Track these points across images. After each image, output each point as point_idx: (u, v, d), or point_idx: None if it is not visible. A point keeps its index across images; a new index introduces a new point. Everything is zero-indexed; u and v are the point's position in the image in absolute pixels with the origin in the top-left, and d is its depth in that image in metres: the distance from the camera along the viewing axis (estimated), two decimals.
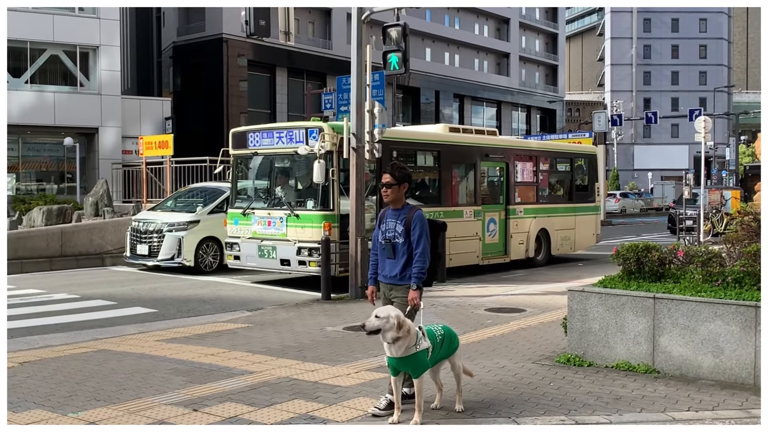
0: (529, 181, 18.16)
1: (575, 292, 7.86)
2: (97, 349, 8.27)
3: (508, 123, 64.29)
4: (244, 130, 15.04)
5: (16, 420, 5.77)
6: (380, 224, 6.49)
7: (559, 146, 22.38)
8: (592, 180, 20.42)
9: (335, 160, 13.17)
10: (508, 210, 17.22)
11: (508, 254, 17.04)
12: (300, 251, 13.30)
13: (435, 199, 15.60)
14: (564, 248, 19.01)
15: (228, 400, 6.36)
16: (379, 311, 5.71)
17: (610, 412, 6.08)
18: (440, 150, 15.71)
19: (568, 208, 19.25)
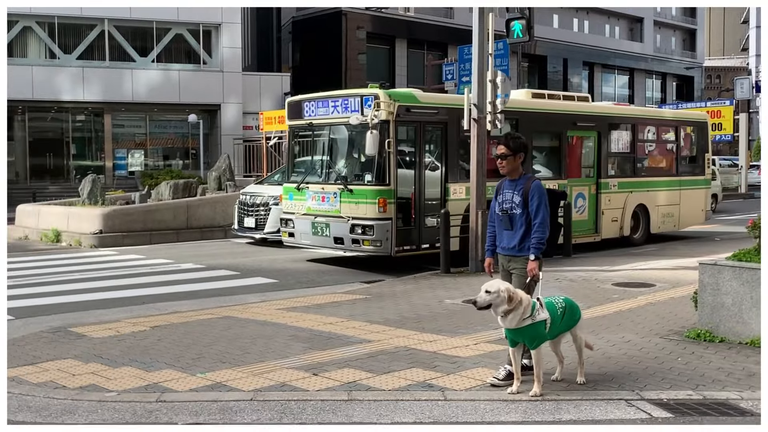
0: (625, 152, 16.57)
1: (707, 266, 7.46)
2: (222, 316, 8.60)
3: (641, 91, 61.64)
4: (300, 99, 14.06)
5: (149, 378, 6.10)
6: (497, 195, 6.38)
7: (662, 113, 20.26)
8: (702, 150, 18.38)
9: (392, 130, 12.17)
10: (600, 184, 15.63)
11: (599, 232, 15.57)
12: (353, 229, 12.34)
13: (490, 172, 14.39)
14: (666, 226, 17.21)
15: (347, 366, 6.46)
16: (489, 285, 5.62)
17: (741, 389, 5.75)
18: (518, 118, 14.07)
19: (671, 182, 17.39)
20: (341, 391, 5.78)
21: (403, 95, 12.65)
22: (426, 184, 12.70)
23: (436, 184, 12.88)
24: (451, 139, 13.04)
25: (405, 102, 12.42)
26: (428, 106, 12.92)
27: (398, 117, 12.22)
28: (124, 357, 6.80)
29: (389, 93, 12.30)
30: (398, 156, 12.38)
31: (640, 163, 16.99)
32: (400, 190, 12.36)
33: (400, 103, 12.25)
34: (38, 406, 5.48)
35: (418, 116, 12.67)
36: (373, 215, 12.12)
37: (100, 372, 6.32)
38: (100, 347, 7.16)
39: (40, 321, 8.56)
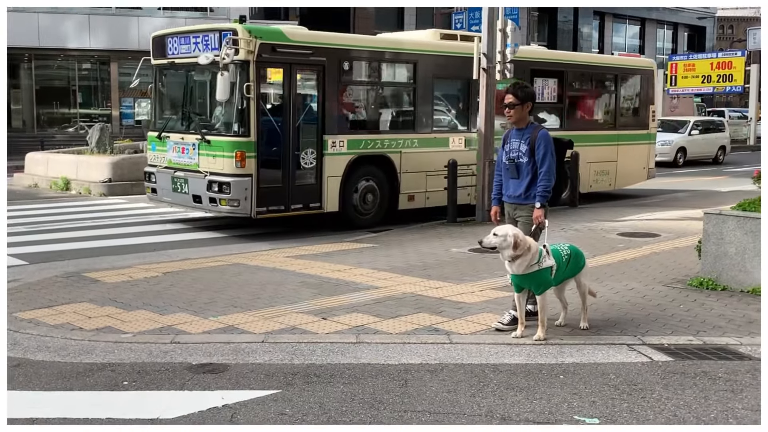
0: (550, 103, 14.69)
1: (711, 215, 7.54)
2: (232, 263, 8.74)
3: (651, 42, 60.77)
4: (163, 34, 12.28)
5: (163, 321, 6.27)
6: (504, 144, 6.45)
7: (598, 59, 18.32)
8: (645, 102, 16.60)
9: (252, 72, 10.54)
10: None
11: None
12: (210, 186, 10.79)
13: (410, 124, 12.67)
14: (600, 185, 15.57)
15: (355, 311, 6.61)
16: (498, 229, 5.73)
17: (741, 335, 5.89)
18: (416, 62, 12.55)
19: (607, 137, 15.71)
20: (349, 334, 5.94)
21: (268, 32, 11.01)
22: (298, 137, 11.17)
23: (311, 137, 11.34)
24: (331, 85, 11.41)
25: (269, 40, 10.78)
26: (301, 45, 11.17)
27: (261, 57, 10.62)
28: (138, 301, 6.96)
29: (249, 28, 10.68)
30: (263, 103, 10.98)
31: (569, 115, 15.20)
32: (264, 142, 10.84)
33: (263, 41, 10.64)
34: (57, 347, 5.65)
35: (288, 57, 10.98)
36: (231, 170, 10.62)
37: (115, 315, 6.49)
38: (113, 292, 7.33)
39: (53, 266, 8.72)
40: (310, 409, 4.44)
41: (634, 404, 4.53)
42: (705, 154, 26.86)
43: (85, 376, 5.05)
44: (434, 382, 4.89)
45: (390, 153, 12.11)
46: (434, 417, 4.33)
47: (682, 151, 25.79)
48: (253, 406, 4.48)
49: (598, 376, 5.03)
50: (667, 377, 5.00)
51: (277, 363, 5.27)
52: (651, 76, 16.77)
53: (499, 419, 4.30)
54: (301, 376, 4.99)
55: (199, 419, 4.29)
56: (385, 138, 12.23)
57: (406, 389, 4.76)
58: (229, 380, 4.94)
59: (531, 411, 4.42)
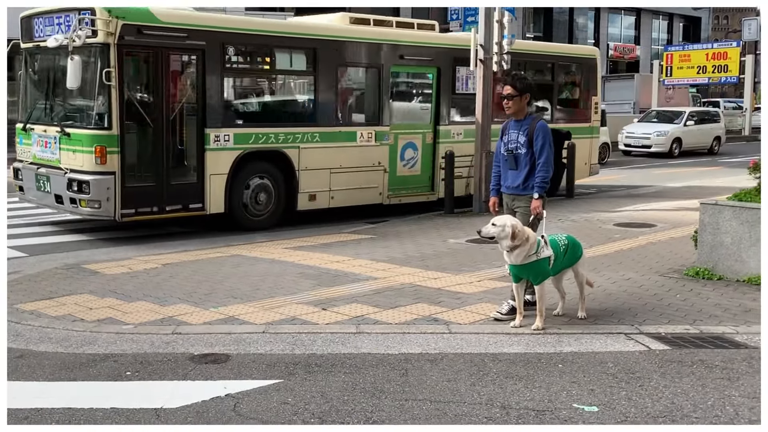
0: (472, 94, 13.16)
1: (708, 206, 7.60)
2: (231, 254, 8.79)
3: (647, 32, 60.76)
4: (30, 14, 10.74)
5: (164, 312, 6.30)
6: (503, 135, 6.50)
7: (533, 46, 16.37)
8: (587, 93, 15.39)
9: (113, 56, 9.29)
10: (438, 131, 12.77)
11: (435, 190, 12.85)
12: (70, 184, 9.57)
13: (310, 116, 11.50)
14: None
15: (354, 301, 6.66)
16: (497, 219, 5.78)
17: (737, 324, 5.96)
18: (317, 48, 11.34)
19: None
20: (349, 324, 5.98)
21: (133, 11, 9.62)
22: (174, 130, 10.01)
23: (190, 130, 10.17)
24: (212, 72, 10.24)
25: (134, 20, 9.51)
26: (174, 27, 9.88)
27: (123, 40, 9.39)
28: (138, 292, 7.00)
29: (109, 8, 9.39)
30: (131, 92, 9.73)
31: (499, 106, 14.15)
32: (131, 136, 9.70)
33: (127, 22, 9.39)
34: (59, 338, 5.69)
35: (159, 40, 9.74)
36: (90, 168, 9.41)
37: (116, 306, 6.53)
38: (114, 283, 7.36)
39: (53, 258, 8.75)
40: (312, 398, 4.49)
41: (632, 392, 4.59)
42: (700, 145, 26.94)
43: (88, 366, 5.09)
44: (434, 372, 4.94)
45: (286, 148, 10.96)
46: (435, 405, 4.38)
47: (678, 141, 25.86)
48: (256, 396, 4.53)
49: (596, 364, 5.09)
50: (664, 366, 5.05)
51: (278, 353, 5.31)
52: (594, 65, 15.43)
53: (499, 407, 4.35)
54: (302, 366, 5.04)
55: (203, 408, 4.34)
56: (281, 132, 10.97)
57: (406, 378, 4.82)
58: (231, 370, 4.99)
59: (530, 399, 4.47)
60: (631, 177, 19.20)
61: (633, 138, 25.95)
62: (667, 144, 25.47)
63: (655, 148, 25.35)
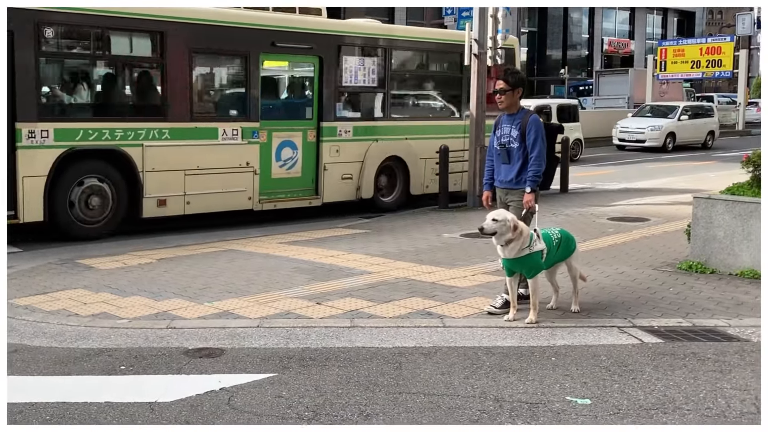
0: (370, 87, 12.25)
1: (701, 199, 7.64)
2: (226, 249, 8.79)
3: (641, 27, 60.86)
4: None
5: (158, 307, 6.31)
6: (495, 130, 6.52)
7: (433, 34, 14.36)
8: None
9: None
10: (322, 129, 11.49)
11: (320, 194, 11.61)
12: None
13: (157, 110, 10.09)
14: (436, 185, 12.78)
15: (349, 296, 6.68)
16: (496, 214, 5.79)
17: (730, 317, 5.99)
18: (164, 31, 9.90)
19: (450, 128, 13.21)
20: (344, 318, 6.00)
21: None
22: None
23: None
24: (24, 57, 8.83)
25: None
26: None
27: None
28: (133, 287, 7.00)
29: None
30: None
31: (396, 101, 12.87)
32: None
33: None
34: (53, 332, 5.69)
35: None
36: None
37: (110, 301, 6.53)
38: (108, 278, 7.36)
39: (48, 253, 8.74)
40: (306, 391, 4.50)
41: (625, 385, 4.61)
42: (694, 139, 27.01)
43: (83, 361, 5.09)
44: (428, 365, 4.96)
45: (126, 146, 9.61)
46: (428, 399, 4.40)
47: (672, 136, 25.93)
48: (250, 389, 4.54)
49: (590, 357, 5.12)
50: (657, 358, 5.08)
51: (273, 347, 5.32)
52: (511, 56, 13.95)
53: (492, 400, 4.37)
54: (297, 360, 5.05)
55: (197, 402, 4.35)
56: (118, 127, 9.57)
57: (400, 372, 4.83)
58: (225, 364, 5.00)
59: (524, 392, 4.50)
60: (626, 172, 19.24)
61: (627, 132, 26.01)
62: (661, 138, 25.55)
63: (649, 142, 25.41)
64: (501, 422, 4.07)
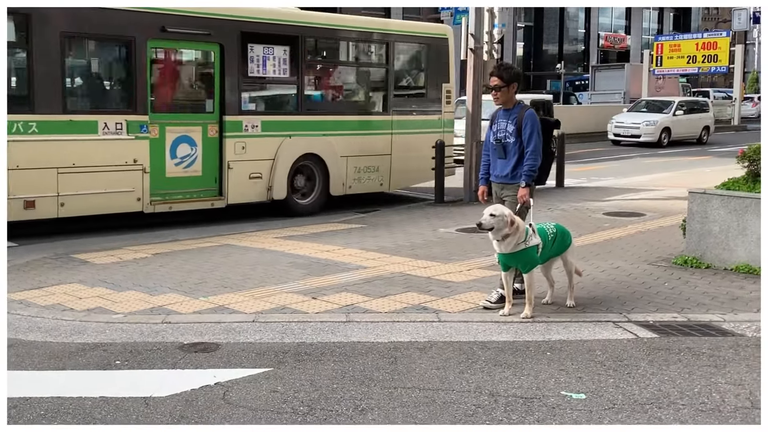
0: (279, 78, 11.34)
1: (696, 194, 7.64)
2: (221, 244, 8.78)
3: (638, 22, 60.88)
4: None
5: (155, 302, 6.30)
6: (492, 124, 6.51)
7: (360, 22, 13.04)
8: (436, 80, 12.95)
9: None
10: (225, 123, 10.54)
11: (224, 195, 10.66)
12: None
13: (15, 101, 8.83)
14: (366, 185, 12.22)
15: (344, 290, 6.67)
16: (493, 209, 5.79)
17: (724, 312, 6.00)
18: (30, 14, 8.89)
19: (376, 123, 12.29)
20: (339, 313, 6.00)
21: None
22: None
23: None
24: None
25: None
26: None
27: None
28: (128, 282, 6.99)
29: None
30: None
31: (313, 94, 11.97)
32: None
33: None
34: (48, 327, 5.68)
35: None
36: None
37: (105, 296, 6.52)
38: (103, 273, 7.35)
39: (42, 247, 8.72)
40: (302, 386, 4.50)
41: (620, 380, 4.62)
42: (689, 135, 27.03)
43: (78, 356, 5.08)
44: (423, 360, 4.96)
45: None
46: (423, 393, 4.40)
47: (667, 131, 25.94)
48: (245, 384, 4.54)
49: (585, 352, 5.12)
50: (652, 353, 5.09)
51: (268, 342, 5.32)
52: (444, 47, 12.98)
53: (488, 395, 4.37)
54: (292, 355, 5.05)
55: (192, 397, 4.34)
56: None
57: (395, 366, 4.83)
58: (220, 359, 4.99)
59: (519, 387, 4.50)
60: (621, 167, 19.26)
61: (622, 127, 26.02)
62: (656, 133, 25.56)
63: (644, 137, 25.42)
64: (496, 416, 4.08)
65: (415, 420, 4.04)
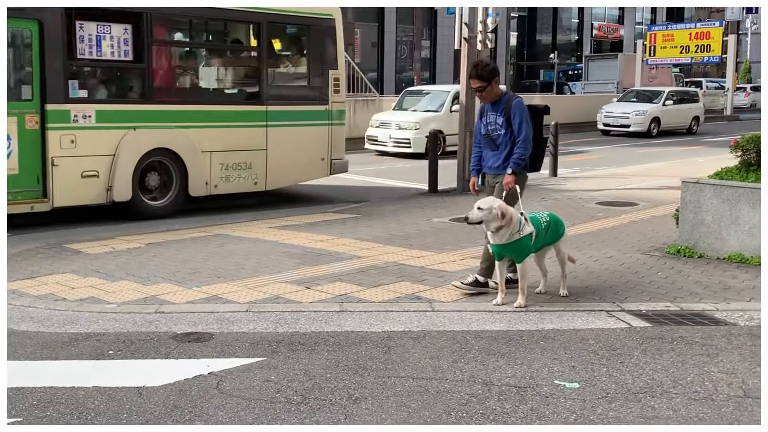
0: (119, 60, 9.72)
1: (689, 184, 7.66)
2: (215, 234, 8.76)
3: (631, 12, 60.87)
4: None
5: (148, 292, 6.28)
6: (481, 117, 6.51)
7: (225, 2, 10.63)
8: (321, 67, 11.51)
9: None
10: (48, 113, 9.08)
11: (48, 196, 9.19)
12: None
13: None
14: (235, 184, 10.72)
15: (338, 280, 6.67)
16: (482, 203, 5.79)
17: (717, 301, 6.02)
18: None
19: (246, 114, 10.83)
20: (333, 303, 5.99)
21: None
22: None
23: None
24: None
25: None
26: None
27: None
28: (121, 271, 6.97)
29: None
30: None
31: (164, 80, 10.45)
32: None
33: None
34: (41, 317, 5.66)
35: None
36: None
37: (98, 285, 6.50)
38: (96, 262, 7.32)
39: (35, 237, 8.68)
40: (295, 375, 4.50)
41: (613, 369, 4.63)
42: (679, 125, 26.93)
43: (70, 345, 5.07)
44: (417, 349, 4.96)
45: None
46: (417, 382, 4.40)
47: (656, 121, 25.82)
48: (239, 374, 4.53)
49: (578, 341, 5.13)
50: (645, 342, 5.10)
51: (262, 331, 5.31)
52: (330, 29, 11.54)
53: (481, 384, 4.38)
54: (286, 344, 5.05)
55: (185, 386, 4.34)
56: None
57: (389, 356, 4.84)
58: (214, 349, 4.99)
59: (512, 376, 4.51)
60: (615, 156, 19.27)
61: (612, 117, 25.90)
62: (646, 123, 25.46)
63: (634, 127, 25.35)
64: (489, 405, 4.08)
65: (408, 409, 4.05)
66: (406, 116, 19.16)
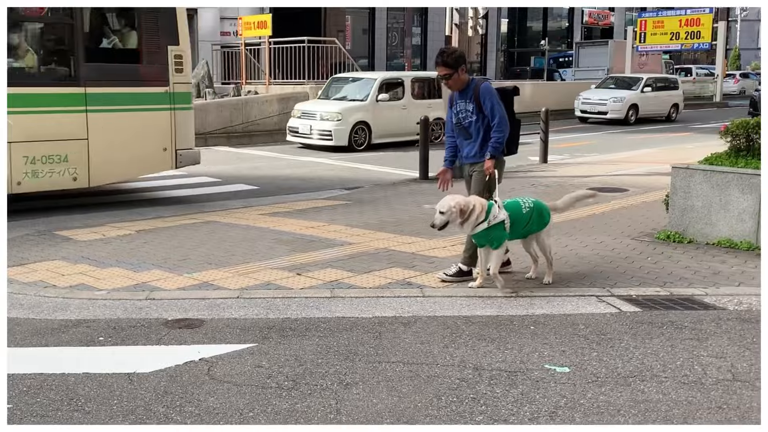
0: None
1: (679, 169, 7.68)
2: (206, 221, 8.73)
3: None
4: None
5: (138, 278, 6.26)
6: (451, 106, 6.43)
7: None
8: (158, 41, 9.82)
9: None
10: None
11: None
12: None
13: None
14: (50, 180, 9.14)
15: (329, 266, 6.67)
16: (441, 206, 5.81)
17: (706, 286, 6.05)
18: None
19: (56, 97, 9.08)
20: (324, 289, 5.99)
21: None
22: None
23: None
24: None
25: None
26: None
27: None
28: (111, 258, 6.95)
29: None
30: None
31: None
32: None
33: None
34: (30, 304, 5.64)
35: None
36: None
37: (88, 272, 6.48)
38: (86, 249, 7.30)
39: (24, 224, 8.64)
40: (286, 361, 4.50)
41: (603, 353, 4.65)
42: (657, 112, 26.36)
43: (60, 332, 5.06)
44: (408, 334, 4.97)
45: None
46: (408, 368, 4.41)
47: (634, 108, 25.33)
48: (230, 359, 4.53)
49: (568, 326, 5.15)
50: (635, 327, 5.13)
51: (253, 317, 5.31)
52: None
53: (472, 369, 4.40)
54: (277, 330, 5.05)
55: (176, 372, 4.34)
56: None
57: (380, 341, 4.84)
58: (205, 335, 4.98)
59: (503, 361, 4.52)
60: (604, 143, 19.29)
61: (589, 104, 25.48)
62: (623, 110, 25.05)
63: (611, 114, 25.03)
64: (480, 390, 4.10)
65: (399, 394, 4.06)
66: (327, 105, 17.60)
